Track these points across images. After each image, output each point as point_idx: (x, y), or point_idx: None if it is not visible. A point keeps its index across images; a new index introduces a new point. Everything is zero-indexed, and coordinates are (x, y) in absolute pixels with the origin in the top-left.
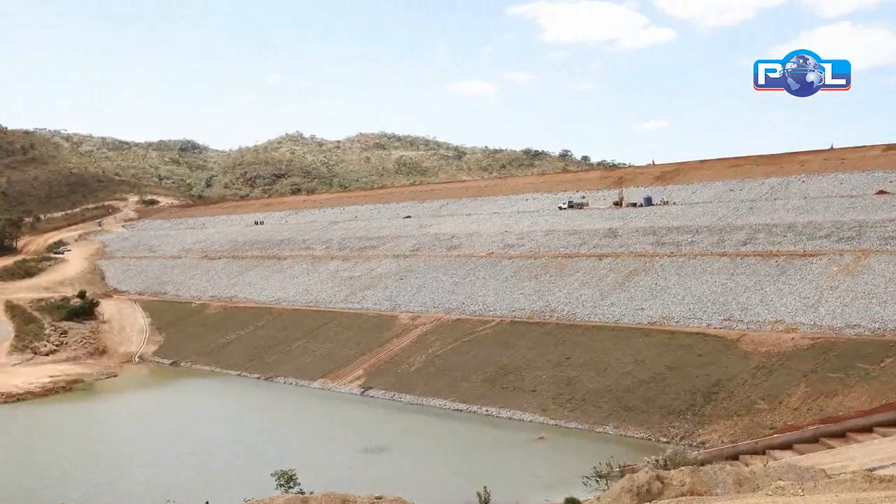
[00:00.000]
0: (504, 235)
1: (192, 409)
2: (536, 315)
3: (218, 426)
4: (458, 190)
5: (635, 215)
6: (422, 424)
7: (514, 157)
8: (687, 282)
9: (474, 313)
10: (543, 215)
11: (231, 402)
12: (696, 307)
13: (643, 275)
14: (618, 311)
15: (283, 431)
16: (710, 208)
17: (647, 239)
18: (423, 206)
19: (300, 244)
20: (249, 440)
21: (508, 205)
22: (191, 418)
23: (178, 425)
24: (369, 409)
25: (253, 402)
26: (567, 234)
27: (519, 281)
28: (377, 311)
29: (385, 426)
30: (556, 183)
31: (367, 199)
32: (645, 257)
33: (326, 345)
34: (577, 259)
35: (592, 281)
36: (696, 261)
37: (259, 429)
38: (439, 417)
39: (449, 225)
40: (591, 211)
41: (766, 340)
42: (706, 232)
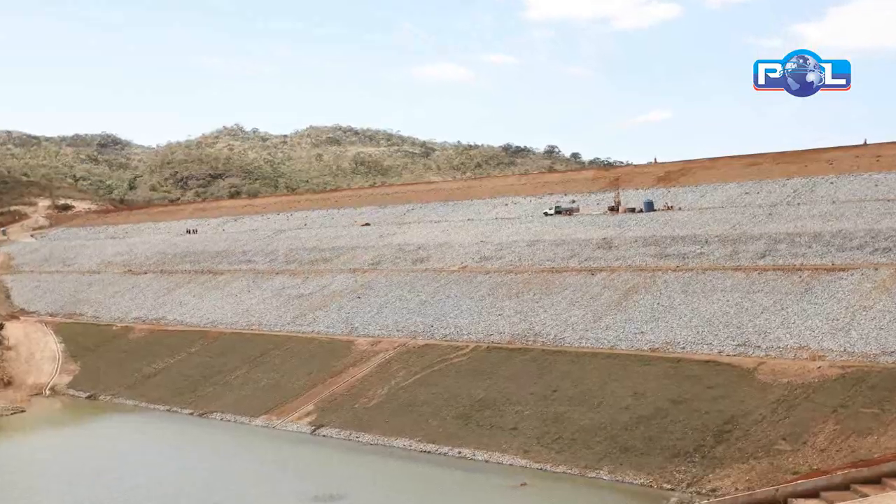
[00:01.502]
0: (480, 246)
1: (111, 452)
2: (518, 340)
3: (141, 472)
4: (426, 193)
5: (634, 223)
6: (383, 469)
7: (492, 154)
8: (695, 301)
9: (445, 338)
10: (526, 222)
11: (158, 443)
12: (706, 331)
13: (643, 292)
14: (613, 335)
15: (218, 478)
16: (721, 214)
17: (647, 250)
18: (384, 211)
19: (240, 257)
20: (178, 489)
21: (485, 210)
22: (109, 462)
23: (94, 470)
24: (321, 450)
25: (183, 443)
26: (554, 244)
27: (497, 300)
28: (330, 336)
29: (339, 471)
30: (542, 185)
31: (319, 203)
32: (645, 272)
33: (271, 375)
34: (565, 274)
35: (584, 300)
36: (705, 276)
37: (190, 475)
38: (403, 460)
39: (415, 234)
40: (583, 217)
41: (787, 370)
42: (717, 242)
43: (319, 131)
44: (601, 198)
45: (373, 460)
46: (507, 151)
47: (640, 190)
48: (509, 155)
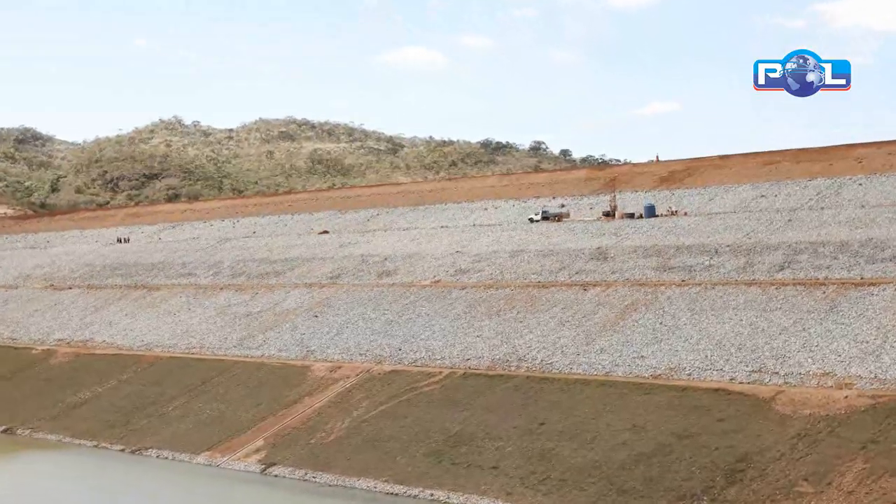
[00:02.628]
0: (455, 257)
1: (28, 496)
2: (499, 365)
3: None
4: (393, 196)
5: (633, 230)
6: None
7: (469, 151)
8: (703, 320)
9: (415, 362)
10: (508, 230)
11: (83, 485)
12: (716, 354)
13: (643, 310)
14: (609, 359)
15: None
16: (733, 220)
17: (648, 262)
18: (345, 217)
19: (179, 269)
20: None
21: (461, 216)
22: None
23: None
24: (272, 492)
25: (113, 484)
26: (540, 255)
27: (475, 319)
28: (283, 360)
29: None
30: (526, 186)
31: (270, 207)
32: (646, 287)
33: (214, 405)
34: (553, 289)
35: (575, 319)
36: (714, 292)
37: None
38: (367, 503)
39: (380, 243)
40: (574, 224)
41: (810, 400)
42: (729, 253)
43: (270, 125)
44: (595, 201)
45: (332, 503)
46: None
47: (639, 192)
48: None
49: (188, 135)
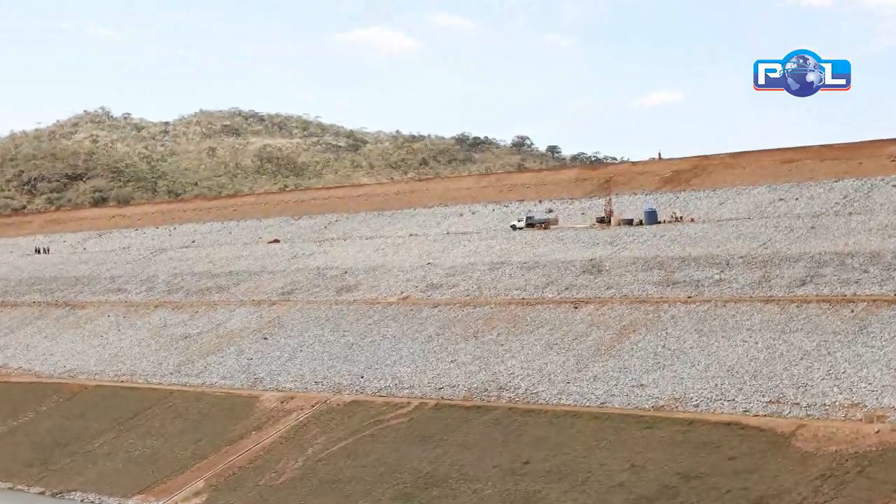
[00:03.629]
0: (426, 270)
1: None
2: (477, 395)
3: None
4: (355, 199)
5: (631, 239)
6: None
7: (443, 147)
8: (712, 343)
9: (379, 392)
10: (487, 239)
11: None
12: (727, 383)
13: (644, 332)
14: (604, 388)
15: None
16: (748, 227)
17: (649, 276)
18: (298, 224)
19: (107, 284)
20: None
21: (433, 222)
22: None
23: None
24: None
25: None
26: (525, 267)
27: (449, 341)
28: (228, 389)
29: None
30: (508, 188)
31: (213, 213)
32: (647, 304)
33: (148, 442)
34: (540, 307)
35: (564, 341)
36: (726, 310)
37: None
38: None
39: (339, 254)
40: (563, 232)
41: (836, 435)
42: (742, 265)
43: (212, 118)
44: (587, 205)
45: None
46: (462, 144)
47: (638, 195)
48: (465, 149)
49: (117, 129)
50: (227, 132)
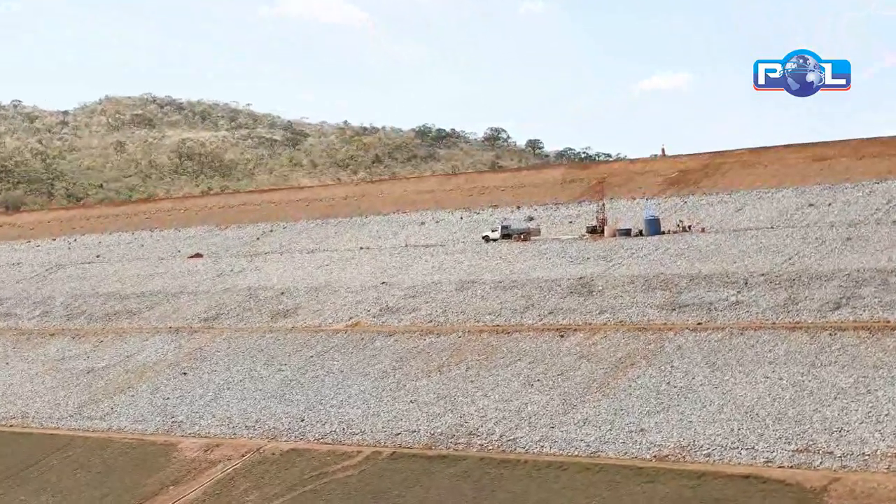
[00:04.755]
0: (381, 291)
1: None
2: (442, 442)
3: None
4: (294, 205)
5: (629, 252)
6: None
7: (401, 142)
8: (727, 379)
9: (324, 438)
10: (455, 253)
11: None
12: (745, 427)
13: (644, 366)
14: (596, 434)
15: None
16: (770, 239)
17: (651, 297)
18: (225, 235)
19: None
20: None
21: (388, 233)
22: None
23: None
24: None
25: None
26: (500, 287)
27: (408, 377)
28: (140, 435)
29: None
30: (480, 191)
31: (121, 221)
32: (648, 332)
33: (42, 498)
34: (518, 336)
35: (548, 377)
36: (743, 339)
37: None
38: None
39: (275, 271)
40: (546, 244)
41: (877, 490)
42: (764, 284)
43: (120, 106)
44: (576, 212)
45: None
46: (423, 138)
47: (638, 200)
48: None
49: (6, 119)
50: (139, 123)
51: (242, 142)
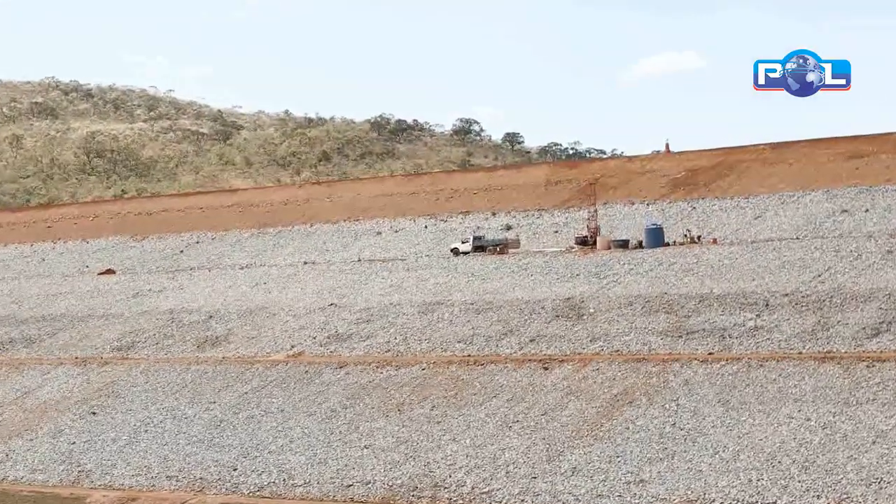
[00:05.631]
0: (329, 314)
1: None
2: (402, 495)
3: None
4: (225, 212)
5: (627, 268)
6: None
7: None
8: (744, 420)
9: (261, 490)
10: (418, 268)
11: None
12: (766, 477)
13: (645, 403)
14: (587, 486)
15: None
16: (795, 252)
17: (653, 322)
18: (143, 247)
19: None
20: None
21: (339, 245)
22: None
23: None
24: None
25: None
26: (472, 310)
27: (362, 418)
28: (39, 487)
29: None
30: (447, 195)
31: (18, 231)
32: (649, 364)
33: None
34: (494, 368)
35: (530, 417)
36: (763, 372)
37: None
38: None
39: (202, 290)
40: (528, 259)
41: None
42: (788, 307)
43: (18, 91)
44: (562, 220)
45: None
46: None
47: (637, 206)
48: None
49: None
50: (39, 113)
51: (163, 135)
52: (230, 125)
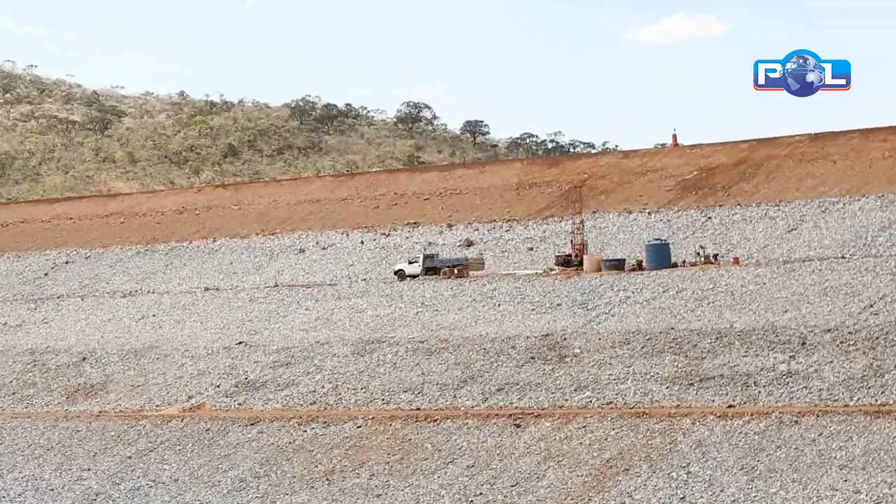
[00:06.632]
0: (236, 355)
1: None
2: None
3: None
4: (102, 223)
5: (622, 296)
6: None
7: (268, 124)
8: (774, 492)
9: None
10: (352, 296)
11: None
12: None
13: (646, 471)
14: None
15: None
16: (841, 275)
17: (655, 366)
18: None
19: None
20: None
21: (249, 265)
22: None
23: None
24: None
25: None
26: (422, 350)
27: (280, 490)
28: None
29: None
30: (391, 201)
31: None
32: (651, 420)
33: None
34: (451, 425)
35: (497, 490)
36: (798, 431)
37: None
38: None
39: (73, 325)
40: (495, 283)
41: None
42: (830, 345)
43: None
44: (539, 233)
45: None
46: (304, 119)
47: (635, 214)
48: (310, 128)
49: None
50: None
51: (22, 124)
52: (109, 111)
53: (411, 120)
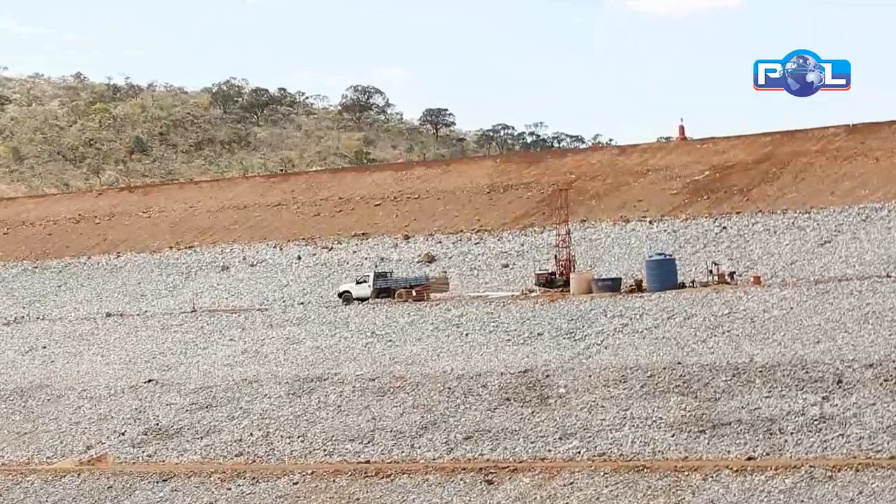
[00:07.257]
0: (145, 397)
1: None
2: None
3: None
4: None
5: (618, 324)
6: None
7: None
8: None
9: None
10: (287, 323)
11: None
12: None
13: None
14: None
15: None
16: (885, 298)
17: (659, 409)
18: None
19: None
20: None
21: (161, 285)
22: None
23: None
24: None
25: None
26: (373, 389)
27: None
28: None
29: None
30: (334, 207)
31: None
32: (653, 475)
33: None
34: (408, 481)
35: None
36: (834, 487)
37: None
38: None
39: None
40: (462, 308)
41: None
42: (872, 384)
43: None
44: (516, 246)
45: None
46: (228, 106)
47: (634, 224)
48: (236, 117)
49: None
50: None
51: None
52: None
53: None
